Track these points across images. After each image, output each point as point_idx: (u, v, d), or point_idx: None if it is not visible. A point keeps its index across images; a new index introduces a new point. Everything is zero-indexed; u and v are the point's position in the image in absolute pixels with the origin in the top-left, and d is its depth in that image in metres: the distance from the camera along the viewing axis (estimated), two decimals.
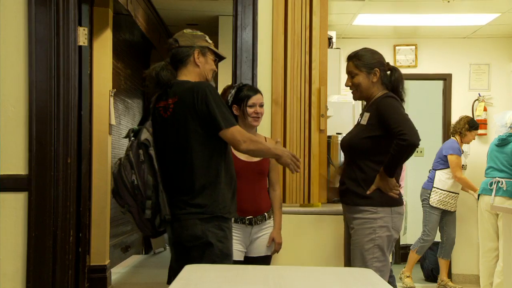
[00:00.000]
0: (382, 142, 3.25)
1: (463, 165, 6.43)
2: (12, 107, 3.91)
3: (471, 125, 6.47)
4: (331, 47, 4.75)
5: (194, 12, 6.99)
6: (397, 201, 3.30)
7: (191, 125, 2.98)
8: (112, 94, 5.93)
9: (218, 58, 3.24)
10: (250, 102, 3.57)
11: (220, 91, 4.73)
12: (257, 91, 3.64)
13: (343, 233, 3.55)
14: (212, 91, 3.00)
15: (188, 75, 3.12)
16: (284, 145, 4.03)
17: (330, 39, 4.61)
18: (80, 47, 4.12)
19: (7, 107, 3.91)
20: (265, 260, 3.63)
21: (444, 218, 6.46)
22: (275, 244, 3.62)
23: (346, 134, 3.53)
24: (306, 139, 4.04)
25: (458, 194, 6.45)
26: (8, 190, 3.89)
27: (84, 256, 4.33)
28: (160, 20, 7.45)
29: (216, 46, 7.11)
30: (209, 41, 3.19)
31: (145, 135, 3.05)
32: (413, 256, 6.49)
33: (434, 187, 6.39)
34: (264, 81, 4.07)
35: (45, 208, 3.89)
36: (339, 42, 6.00)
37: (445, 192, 6.36)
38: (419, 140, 3.18)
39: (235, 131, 2.98)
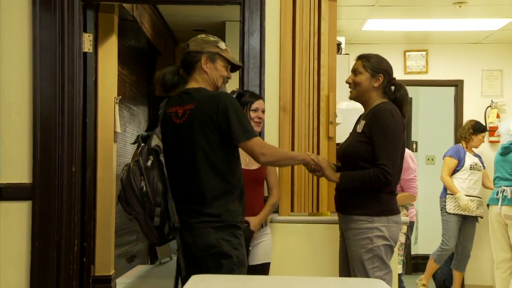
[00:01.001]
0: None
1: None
2: (16, 114, 3.92)
3: (476, 129, 6.40)
4: (340, 53, 4.74)
5: (201, 18, 7.01)
6: (394, 210, 3.29)
7: (206, 134, 2.98)
8: (117, 101, 5.95)
9: (232, 66, 3.22)
10: (254, 106, 3.67)
11: None
12: (259, 97, 3.75)
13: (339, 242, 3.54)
14: (233, 103, 3.01)
15: (198, 80, 3.12)
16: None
17: (339, 44, 4.60)
18: (85, 53, 4.14)
19: (11, 114, 3.92)
20: (263, 268, 3.64)
21: (463, 228, 6.35)
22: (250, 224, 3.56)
23: (343, 142, 3.53)
24: (315, 146, 4.03)
25: (479, 198, 6.32)
26: (11, 199, 3.90)
27: (88, 266, 4.33)
28: (166, 26, 7.47)
29: None
30: (222, 47, 3.15)
31: (156, 141, 3.05)
32: (431, 265, 6.42)
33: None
34: (271, 88, 4.07)
35: (49, 217, 3.89)
36: (348, 47, 6.00)
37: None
38: (393, 183, 3.24)
39: (255, 144, 2.99)
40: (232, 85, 5.13)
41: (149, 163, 3.00)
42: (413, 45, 7.09)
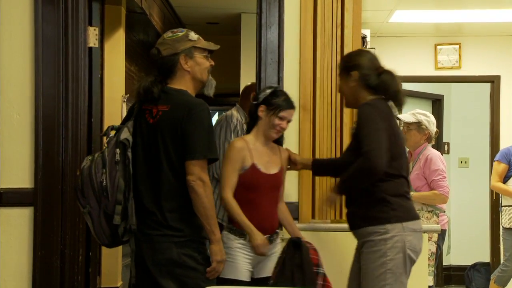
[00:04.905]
0: None
1: None
2: (16, 114, 3.95)
3: None
4: (365, 47, 4.74)
5: (214, 10, 7.03)
6: (409, 215, 3.24)
7: (174, 140, 3.02)
8: (125, 100, 5.98)
9: (209, 51, 3.23)
10: (282, 114, 3.56)
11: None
12: (293, 107, 3.63)
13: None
14: (206, 115, 3.03)
15: (181, 82, 3.15)
16: (313, 155, 4.02)
17: (363, 38, 4.60)
18: (90, 48, 4.16)
19: (12, 114, 3.95)
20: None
21: None
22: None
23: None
24: (338, 148, 4.02)
25: None
26: (12, 205, 3.92)
27: (94, 277, 4.35)
28: (177, 18, 7.50)
29: (238, 46, 7.15)
30: (194, 38, 3.18)
31: (125, 134, 3.07)
32: (493, 286, 6.27)
33: (503, 206, 6.13)
34: (291, 85, 4.06)
35: (52, 224, 3.92)
36: (373, 41, 5.99)
37: None
38: (383, 167, 3.08)
39: (199, 165, 2.97)
40: (249, 82, 5.14)
41: (117, 157, 3.01)
42: (445, 38, 7.05)
